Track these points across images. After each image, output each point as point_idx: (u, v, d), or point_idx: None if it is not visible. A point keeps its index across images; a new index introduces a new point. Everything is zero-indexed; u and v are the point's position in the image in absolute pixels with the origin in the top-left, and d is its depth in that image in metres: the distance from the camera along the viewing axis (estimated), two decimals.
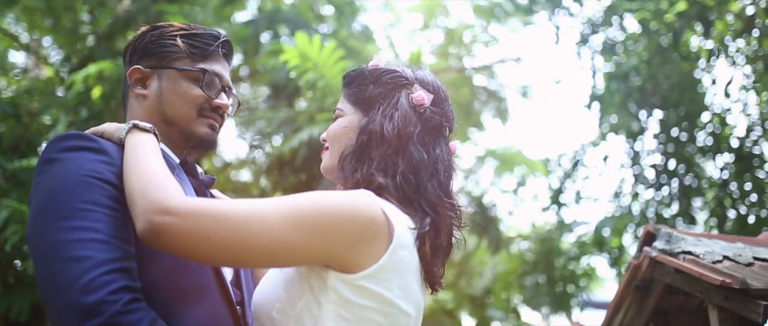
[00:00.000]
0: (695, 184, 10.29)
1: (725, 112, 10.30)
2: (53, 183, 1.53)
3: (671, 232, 3.68)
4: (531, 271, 10.99)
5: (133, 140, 1.66)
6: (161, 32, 1.90)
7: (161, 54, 1.87)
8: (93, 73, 6.18)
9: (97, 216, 1.48)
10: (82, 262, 1.40)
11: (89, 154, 1.58)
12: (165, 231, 1.39)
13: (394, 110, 1.75)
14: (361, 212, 1.53)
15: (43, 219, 1.48)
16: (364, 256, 1.52)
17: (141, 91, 1.87)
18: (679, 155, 10.29)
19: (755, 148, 10.06)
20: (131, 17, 7.63)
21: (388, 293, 1.55)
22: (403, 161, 1.69)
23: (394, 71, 1.84)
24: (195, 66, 1.88)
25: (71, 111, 6.57)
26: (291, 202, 1.50)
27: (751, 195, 9.93)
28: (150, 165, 1.55)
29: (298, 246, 1.46)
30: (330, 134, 1.84)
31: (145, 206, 1.43)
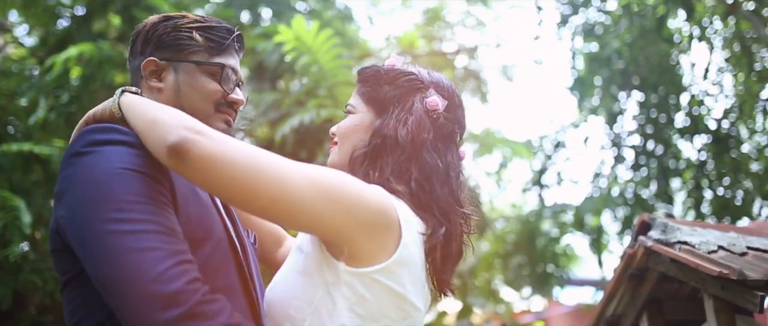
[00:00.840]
0: (673, 165, 10.44)
1: (703, 93, 10.43)
2: (93, 176, 1.51)
3: (666, 222, 3.72)
4: (513, 252, 11.08)
5: (132, 97, 1.70)
6: (176, 23, 1.86)
7: (178, 46, 1.84)
8: (74, 55, 6.05)
9: (149, 209, 1.47)
10: (151, 253, 1.40)
11: (125, 147, 1.56)
12: (194, 148, 1.42)
13: (408, 115, 1.74)
14: (378, 201, 1.55)
15: (91, 211, 1.46)
16: (374, 247, 1.53)
17: (156, 83, 1.84)
18: (658, 136, 10.41)
19: (732, 129, 10.21)
20: None
21: (401, 288, 1.55)
22: (416, 168, 1.69)
23: (411, 74, 1.83)
24: (212, 60, 1.85)
25: (51, 94, 6.44)
26: (315, 167, 1.53)
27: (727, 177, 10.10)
28: (162, 106, 1.61)
29: (310, 209, 1.46)
30: (340, 130, 1.84)
31: (178, 123, 1.48)
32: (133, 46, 1.92)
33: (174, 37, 1.85)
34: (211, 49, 1.86)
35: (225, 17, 7.40)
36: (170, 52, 1.85)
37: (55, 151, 6.20)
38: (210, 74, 1.85)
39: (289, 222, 1.55)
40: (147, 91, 1.85)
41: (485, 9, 11.78)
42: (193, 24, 1.87)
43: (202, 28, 1.87)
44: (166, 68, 1.85)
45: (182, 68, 1.84)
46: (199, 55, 1.85)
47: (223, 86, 1.85)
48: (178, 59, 1.84)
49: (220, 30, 1.89)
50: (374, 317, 1.53)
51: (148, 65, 1.85)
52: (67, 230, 1.52)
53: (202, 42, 1.85)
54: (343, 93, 5.61)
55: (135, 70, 1.90)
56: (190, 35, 1.85)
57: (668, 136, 10.44)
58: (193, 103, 1.82)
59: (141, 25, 1.92)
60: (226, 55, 1.89)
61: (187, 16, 1.90)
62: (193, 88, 1.83)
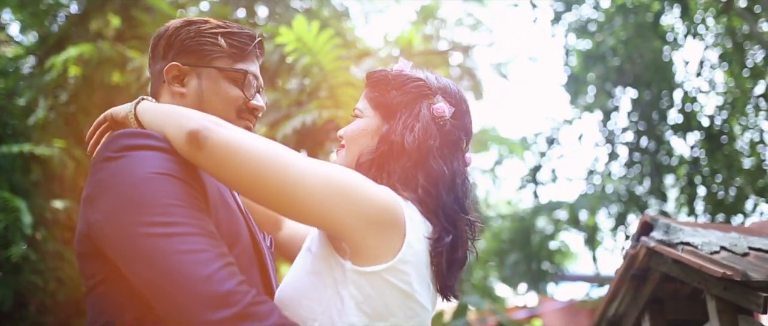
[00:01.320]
0: (667, 162, 10.51)
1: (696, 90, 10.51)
2: (128, 180, 1.50)
3: (669, 223, 3.76)
4: (508, 250, 11.12)
5: (150, 103, 1.72)
6: (198, 29, 1.85)
7: (201, 52, 1.82)
8: (73, 56, 6.05)
9: (190, 213, 1.48)
10: (199, 254, 1.41)
11: (158, 152, 1.55)
12: (211, 136, 1.48)
13: (415, 121, 1.73)
14: (385, 199, 1.56)
15: (130, 215, 1.46)
16: (380, 245, 1.54)
17: (179, 89, 1.82)
18: (651, 133, 10.48)
19: (724, 126, 10.30)
20: None
21: (407, 287, 1.56)
22: (423, 174, 1.68)
23: (419, 79, 1.80)
24: (235, 66, 1.84)
25: (50, 94, 6.43)
26: (327, 164, 1.56)
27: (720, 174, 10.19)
28: (183, 108, 1.64)
29: (318, 202, 1.48)
30: (347, 134, 1.82)
31: (199, 115, 1.54)
32: (154, 50, 1.91)
33: (197, 42, 1.83)
34: (233, 54, 1.85)
35: (222, 15, 7.41)
36: (193, 58, 1.83)
37: (55, 151, 6.20)
38: (232, 80, 1.84)
39: (297, 214, 1.56)
40: (169, 95, 1.85)
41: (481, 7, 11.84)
42: (216, 29, 1.86)
43: (225, 34, 1.85)
44: (188, 73, 1.83)
45: (205, 74, 1.83)
46: (221, 60, 1.84)
47: (245, 92, 1.84)
48: (201, 65, 1.83)
49: (242, 36, 1.87)
50: (382, 316, 1.55)
51: (170, 70, 1.82)
52: (102, 234, 1.50)
53: (225, 47, 1.84)
54: (344, 93, 5.62)
55: (157, 75, 1.89)
56: (213, 41, 1.84)
57: (661, 132, 10.52)
58: (215, 109, 1.80)
59: (163, 29, 1.91)
60: (248, 61, 1.88)
61: (210, 22, 1.89)
62: (215, 93, 1.83)
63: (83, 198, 1.59)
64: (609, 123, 10.75)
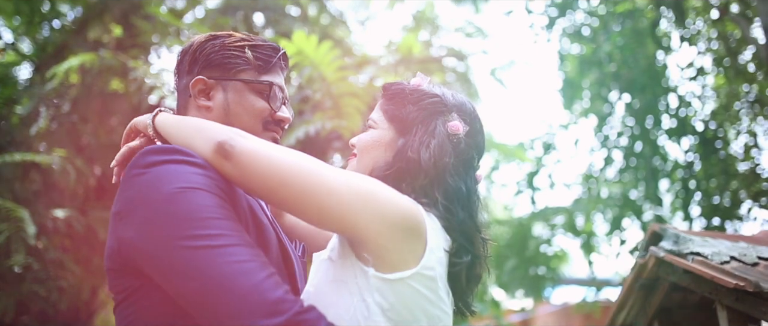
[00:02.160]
0: (662, 167, 10.57)
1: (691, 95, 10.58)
2: (160, 195, 1.52)
3: (678, 233, 3.79)
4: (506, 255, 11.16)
5: (169, 114, 1.77)
6: (223, 42, 1.88)
7: (226, 65, 1.85)
8: (75, 65, 6.03)
9: (228, 225, 1.50)
10: (245, 265, 1.42)
11: (187, 166, 1.57)
12: (239, 148, 1.54)
13: (430, 138, 1.76)
14: (408, 207, 1.59)
15: (168, 230, 1.47)
16: (404, 252, 1.56)
17: (205, 102, 1.85)
18: (646, 138, 10.54)
19: (719, 130, 10.36)
20: (106, 5, 7.45)
21: (431, 293, 1.59)
22: (440, 191, 1.70)
23: (435, 96, 1.83)
24: (260, 78, 1.87)
25: (51, 104, 6.41)
26: (351, 172, 1.62)
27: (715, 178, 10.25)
28: (205, 120, 1.70)
29: (344, 209, 1.51)
30: (360, 143, 1.86)
31: (226, 130, 1.59)
32: (179, 65, 1.93)
33: (222, 55, 1.86)
34: (258, 67, 1.87)
35: (221, 24, 7.41)
36: (219, 71, 1.86)
37: (56, 160, 6.18)
38: (258, 92, 1.86)
39: (323, 220, 1.58)
40: (195, 109, 1.87)
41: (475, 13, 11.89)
42: (240, 42, 1.87)
43: (249, 47, 1.88)
44: (214, 87, 1.86)
45: (231, 87, 1.85)
46: (247, 73, 1.86)
47: (271, 104, 1.87)
48: (226, 78, 1.85)
49: (266, 48, 1.89)
50: (407, 322, 1.56)
51: (196, 84, 1.85)
52: (136, 250, 1.53)
53: (251, 60, 1.86)
54: (347, 104, 5.63)
55: (182, 90, 1.91)
56: (238, 54, 1.86)
57: (655, 137, 10.58)
58: (242, 121, 1.83)
59: (187, 44, 1.93)
60: (273, 73, 1.90)
61: (234, 35, 1.92)
62: (242, 106, 1.85)
63: (112, 214, 1.62)
64: (604, 128, 10.79)
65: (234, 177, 1.57)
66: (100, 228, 6.50)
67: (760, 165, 10.18)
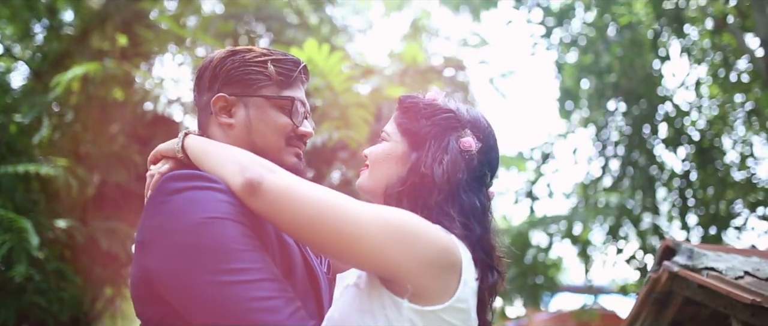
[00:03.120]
0: (658, 176, 10.62)
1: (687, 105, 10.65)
2: (185, 225, 1.49)
3: (692, 248, 3.80)
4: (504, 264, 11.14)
5: (199, 139, 1.74)
6: (243, 58, 1.83)
7: (247, 81, 1.80)
8: (79, 74, 6.00)
9: (254, 256, 1.47)
10: (269, 301, 1.41)
11: (211, 193, 1.54)
12: (267, 183, 1.50)
13: (443, 154, 1.73)
14: (444, 241, 1.55)
15: (194, 261, 1.45)
16: (438, 286, 1.53)
17: (227, 119, 1.80)
18: (642, 147, 10.59)
19: (715, 140, 10.44)
20: (107, 14, 7.43)
21: (463, 325, 1.56)
22: (455, 208, 1.68)
23: (450, 111, 1.80)
24: (281, 93, 1.82)
25: (54, 113, 6.37)
26: (382, 207, 1.56)
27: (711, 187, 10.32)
28: (233, 147, 1.67)
29: (377, 248, 1.48)
30: (373, 155, 1.84)
31: (253, 161, 1.56)
32: (199, 81, 1.88)
33: (243, 71, 1.81)
34: (279, 82, 1.81)
35: (225, 31, 7.41)
36: (240, 88, 1.81)
37: (59, 171, 6.14)
38: (280, 108, 1.81)
39: (355, 260, 1.55)
40: (217, 127, 1.82)
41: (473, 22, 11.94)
42: (260, 58, 1.82)
43: (270, 62, 1.82)
44: (235, 104, 1.80)
45: (252, 103, 1.80)
46: (268, 89, 1.81)
47: (293, 119, 1.81)
48: (248, 94, 1.80)
49: (286, 62, 1.84)
50: None
51: (217, 101, 1.80)
52: (161, 281, 1.51)
53: (272, 75, 1.80)
54: (354, 114, 5.61)
55: (203, 107, 1.86)
56: (259, 69, 1.81)
57: (652, 146, 10.64)
58: (264, 138, 1.79)
59: (207, 60, 1.88)
60: (294, 87, 1.85)
61: (253, 50, 1.87)
62: (264, 122, 1.80)
63: (137, 242, 1.58)
64: (602, 137, 10.84)
65: (262, 213, 1.53)
66: (101, 238, 6.47)
67: (756, 174, 10.28)
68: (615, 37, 10.01)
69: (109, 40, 7.57)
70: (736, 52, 9.91)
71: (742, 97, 10.47)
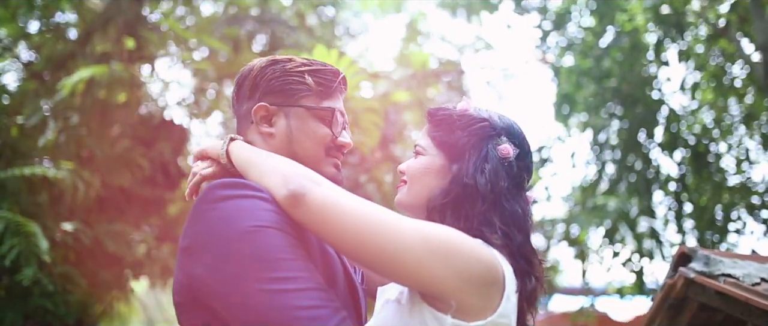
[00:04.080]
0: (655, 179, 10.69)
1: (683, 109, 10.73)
2: (231, 233, 1.51)
3: (708, 255, 3.84)
4: None
5: (243, 145, 1.76)
6: (284, 68, 1.84)
7: (288, 91, 1.81)
8: (86, 77, 5.98)
9: (300, 265, 1.49)
10: (315, 310, 1.42)
11: (256, 201, 1.56)
12: (311, 195, 1.50)
13: (484, 163, 1.74)
14: (487, 257, 1.56)
15: (240, 269, 1.47)
16: (481, 302, 1.54)
17: (267, 129, 1.81)
18: (638, 151, 10.66)
19: (712, 145, 10.53)
20: (110, 16, 7.41)
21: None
22: (498, 216, 1.69)
23: (484, 120, 1.81)
24: (321, 104, 1.82)
25: (60, 116, 6.35)
26: (425, 223, 1.55)
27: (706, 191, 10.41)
28: (278, 156, 1.68)
29: (420, 264, 1.48)
30: (411, 170, 1.84)
31: (298, 172, 1.57)
32: (239, 90, 1.89)
33: (283, 81, 1.82)
34: (320, 92, 1.82)
35: (232, 36, 7.41)
36: (281, 97, 1.81)
37: (65, 174, 6.12)
38: (320, 118, 1.81)
39: (397, 275, 1.55)
40: (257, 135, 1.83)
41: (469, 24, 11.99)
42: (301, 67, 1.83)
43: (310, 72, 1.83)
44: (276, 113, 1.81)
45: (293, 113, 1.81)
46: (309, 99, 1.82)
47: (333, 130, 1.82)
48: (288, 104, 1.81)
49: (327, 72, 1.85)
50: None
51: (258, 111, 1.81)
52: (208, 288, 1.52)
53: (312, 86, 1.81)
54: (365, 119, 5.61)
55: (243, 115, 1.87)
56: (300, 79, 1.82)
57: (648, 150, 10.71)
58: (305, 148, 1.79)
59: (247, 68, 1.89)
60: (334, 97, 1.86)
61: (294, 60, 1.86)
62: (304, 133, 1.81)
63: (181, 248, 1.60)
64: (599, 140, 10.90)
65: (305, 224, 1.54)
66: (107, 241, 6.46)
67: (751, 178, 10.37)
68: (613, 41, 10.06)
69: (111, 42, 7.56)
70: (731, 57, 10.01)
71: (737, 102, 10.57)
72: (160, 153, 7.40)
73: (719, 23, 9.56)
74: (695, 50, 10.16)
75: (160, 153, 7.42)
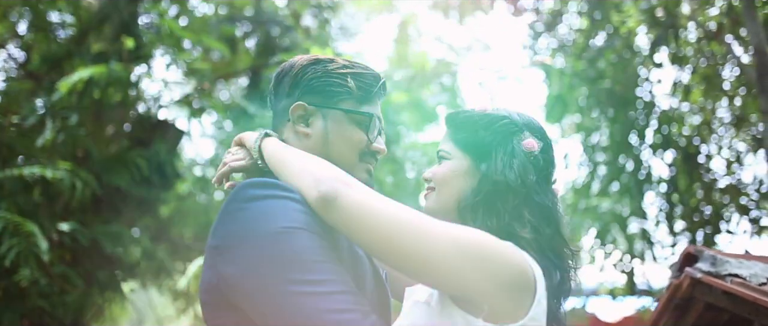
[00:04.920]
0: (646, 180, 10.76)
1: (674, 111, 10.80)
2: (263, 233, 1.50)
3: (715, 255, 3.88)
4: None
5: (276, 143, 1.75)
6: (325, 68, 1.83)
7: (328, 92, 1.80)
8: (85, 77, 5.94)
9: (332, 268, 1.48)
10: (346, 314, 1.42)
11: (288, 202, 1.55)
12: (343, 198, 1.49)
13: (512, 158, 1.75)
14: (518, 261, 1.56)
15: (272, 271, 1.46)
16: (513, 305, 1.54)
17: (303, 128, 1.81)
18: (630, 153, 10.73)
19: (702, 146, 10.60)
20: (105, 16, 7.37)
21: None
22: (528, 210, 1.71)
23: (505, 117, 1.83)
24: (360, 108, 1.82)
25: (58, 116, 6.30)
26: (457, 226, 1.54)
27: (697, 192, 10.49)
28: (311, 155, 1.67)
29: (452, 268, 1.47)
30: (438, 177, 1.84)
31: (330, 174, 1.55)
32: (278, 86, 1.89)
33: (324, 82, 1.81)
34: (359, 96, 1.82)
35: (227, 34, 7.39)
36: (320, 98, 1.81)
37: (63, 174, 6.07)
38: (357, 122, 1.81)
39: (430, 279, 1.55)
40: (292, 133, 1.83)
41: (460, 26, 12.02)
42: (343, 70, 1.82)
43: (351, 75, 1.82)
44: (314, 113, 1.81)
45: (331, 115, 1.80)
46: (348, 102, 1.81)
47: (369, 135, 1.82)
48: (327, 106, 1.81)
49: (368, 77, 1.84)
50: None
51: (296, 109, 1.80)
52: (239, 288, 1.51)
53: (353, 89, 1.81)
54: None
55: (280, 112, 1.86)
56: (341, 82, 1.81)
57: (639, 151, 10.78)
58: (340, 151, 1.79)
59: (288, 65, 1.89)
60: (372, 102, 1.85)
61: (336, 61, 1.85)
62: (341, 136, 1.81)
63: (211, 247, 1.58)
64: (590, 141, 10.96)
65: (336, 226, 1.54)
66: (105, 241, 6.42)
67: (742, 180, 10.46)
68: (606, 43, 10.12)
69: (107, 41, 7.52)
70: (722, 59, 10.10)
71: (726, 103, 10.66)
72: (156, 153, 7.37)
73: (710, 25, 9.64)
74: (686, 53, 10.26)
75: (156, 153, 7.38)
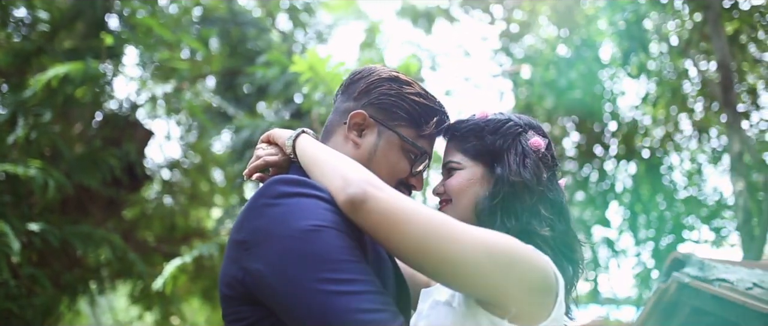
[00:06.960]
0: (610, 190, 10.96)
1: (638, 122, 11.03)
2: (291, 231, 1.48)
3: (702, 260, 3.96)
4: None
5: (311, 142, 1.73)
6: (400, 89, 1.81)
7: (393, 114, 1.79)
8: (60, 74, 5.80)
9: (360, 268, 1.47)
10: (375, 314, 1.41)
11: (316, 200, 1.54)
12: (372, 201, 1.48)
13: (524, 158, 1.78)
14: (544, 266, 1.58)
15: (300, 268, 1.45)
16: (537, 308, 1.56)
17: (355, 137, 1.79)
18: (594, 162, 10.93)
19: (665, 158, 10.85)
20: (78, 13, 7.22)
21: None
22: (544, 208, 1.73)
23: (509, 119, 1.86)
24: (417, 140, 1.81)
25: (30, 113, 6.14)
26: (485, 231, 1.54)
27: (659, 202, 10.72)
28: (344, 156, 1.65)
29: (481, 273, 1.48)
30: (453, 188, 1.84)
31: (361, 176, 1.53)
32: (349, 86, 1.87)
33: (394, 102, 1.79)
34: (420, 129, 1.81)
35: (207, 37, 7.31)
36: (383, 115, 1.79)
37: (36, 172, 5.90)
38: (407, 152, 1.81)
39: (458, 283, 1.54)
40: (342, 137, 1.81)
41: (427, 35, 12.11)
42: (416, 97, 1.81)
43: (422, 107, 1.81)
44: (371, 127, 1.79)
45: (386, 135, 1.79)
46: (407, 130, 1.80)
47: (413, 169, 1.82)
48: (387, 125, 1.79)
49: (434, 113, 1.83)
50: None
51: (356, 116, 1.78)
52: (265, 284, 1.49)
53: (416, 120, 1.80)
54: None
55: (340, 112, 1.85)
56: (409, 108, 1.79)
57: (602, 161, 10.98)
58: (380, 172, 1.72)
59: (367, 70, 1.87)
60: (430, 140, 1.85)
61: (413, 86, 1.83)
62: (387, 158, 1.79)
63: (236, 241, 1.57)
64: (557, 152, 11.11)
65: (364, 228, 1.53)
66: (77, 242, 6.25)
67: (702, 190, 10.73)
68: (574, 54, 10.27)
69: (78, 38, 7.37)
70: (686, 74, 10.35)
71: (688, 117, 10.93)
72: (126, 153, 7.22)
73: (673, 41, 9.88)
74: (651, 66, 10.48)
75: (126, 153, 7.24)
